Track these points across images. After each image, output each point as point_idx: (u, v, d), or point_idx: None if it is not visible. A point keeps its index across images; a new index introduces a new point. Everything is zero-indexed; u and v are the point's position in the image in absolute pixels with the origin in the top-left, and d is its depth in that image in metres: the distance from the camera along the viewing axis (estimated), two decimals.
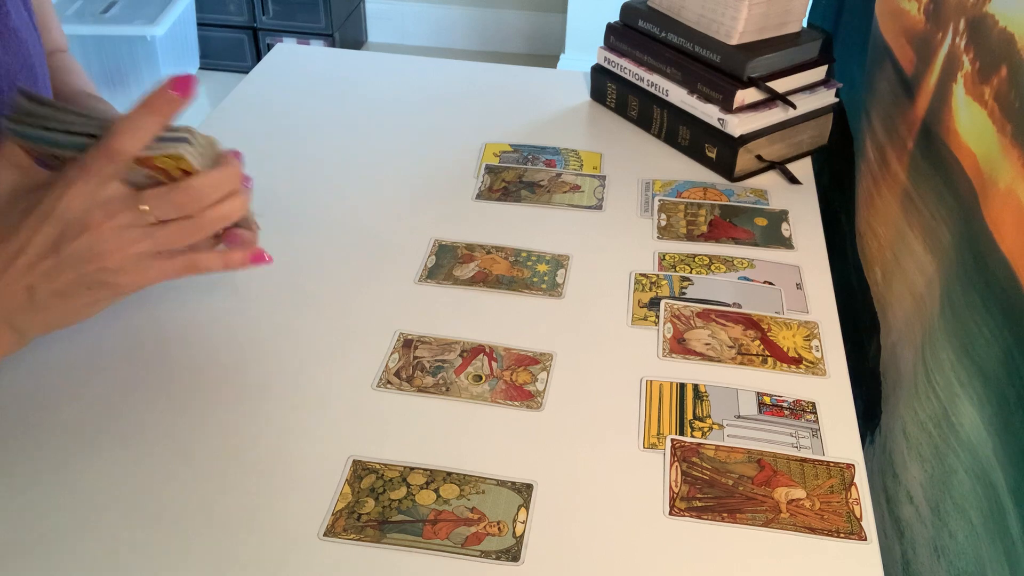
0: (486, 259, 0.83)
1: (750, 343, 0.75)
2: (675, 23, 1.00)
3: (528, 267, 0.83)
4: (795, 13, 0.97)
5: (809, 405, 0.69)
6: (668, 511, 0.61)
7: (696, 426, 0.67)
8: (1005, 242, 0.56)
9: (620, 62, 1.06)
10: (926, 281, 0.72)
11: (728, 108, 0.95)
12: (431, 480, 0.62)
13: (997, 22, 0.63)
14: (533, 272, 0.82)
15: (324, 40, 2.87)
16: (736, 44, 0.95)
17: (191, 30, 2.78)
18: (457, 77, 1.18)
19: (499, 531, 0.59)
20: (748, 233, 0.89)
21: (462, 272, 0.82)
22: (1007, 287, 0.55)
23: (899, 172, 0.82)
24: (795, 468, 0.64)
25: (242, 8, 2.83)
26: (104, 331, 0.74)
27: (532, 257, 0.84)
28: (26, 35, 0.68)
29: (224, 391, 0.69)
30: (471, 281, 0.81)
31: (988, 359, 0.57)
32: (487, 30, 3.10)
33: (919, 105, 0.79)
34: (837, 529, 0.60)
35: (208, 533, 0.58)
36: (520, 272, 0.82)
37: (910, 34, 0.84)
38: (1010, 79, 0.59)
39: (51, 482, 0.61)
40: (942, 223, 0.70)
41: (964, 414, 0.59)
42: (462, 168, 0.98)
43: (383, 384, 0.70)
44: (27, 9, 0.70)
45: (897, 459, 0.70)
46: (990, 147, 0.62)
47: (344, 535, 0.58)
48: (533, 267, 0.83)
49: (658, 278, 0.82)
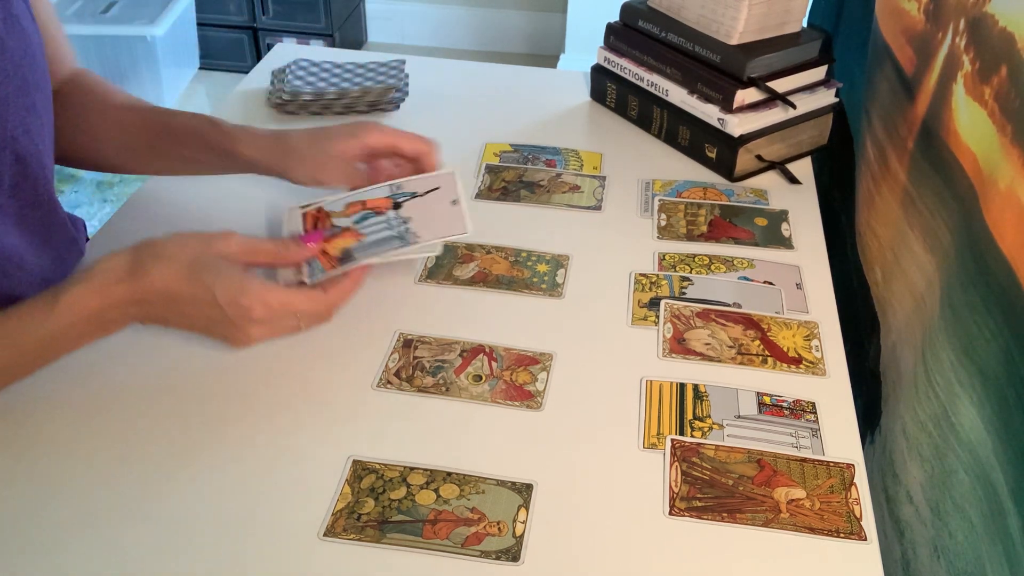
0: (486, 259, 0.83)
1: (750, 343, 0.75)
2: (675, 23, 1.00)
3: (528, 267, 0.83)
4: (795, 13, 0.97)
5: (809, 405, 0.69)
6: (668, 511, 0.61)
7: (696, 426, 0.67)
8: (1005, 242, 0.56)
9: (620, 62, 1.06)
10: (926, 281, 0.72)
11: (728, 108, 0.95)
12: (431, 480, 0.62)
13: (997, 22, 0.63)
14: (533, 272, 0.82)
15: (324, 40, 2.87)
16: (736, 44, 0.95)
17: (191, 30, 2.78)
18: (457, 77, 1.18)
19: (499, 531, 0.59)
20: (748, 233, 0.89)
21: (462, 272, 0.82)
22: (1007, 287, 0.55)
23: (899, 172, 0.82)
24: (795, 468, 0.64)
25: (242, 8, 2.83)
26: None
27: (532, 257, 0.84)
28: (27, 24, 0.69)
29: (224, 391, 0.69)
30: (471, 281, 0.81)
31: (988, 359, 0.57)
32: (487, 30, 3.10)
33: (919, 105, 0.79)
34: (837, 529, 0.60)
35: (208, 533, 0.58)
36: (520, 272, 0.82)
37: (910, 34, 0.84)
38: (1010, 79, 0.59)
39: (51, 482, 0.61)
40: (942, 223, 0.70)
41: (964, 414, 0.59)
42: (462, 168, 0.98)
43: (383, 384, 0.70)
44: (25, 1, 0.70)
45: (897, 459, 0.70)
46: (990, 147, 0.62)
47: (344, 535, 0.58)
48: (533, 267, 0.83)
49: (658, 278, 0.82)
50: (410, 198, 0.77)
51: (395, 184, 0.78)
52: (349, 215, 0.76)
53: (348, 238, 0.74)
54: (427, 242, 0.73)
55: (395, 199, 0.77)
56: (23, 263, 0.71)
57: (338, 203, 0.78)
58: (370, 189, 0.78)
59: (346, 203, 0.78)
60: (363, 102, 1.07)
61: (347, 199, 0.78)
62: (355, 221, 0.75)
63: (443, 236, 0.75)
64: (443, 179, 0.78)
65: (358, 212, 0.76)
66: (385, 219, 0.75)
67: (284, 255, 0.70)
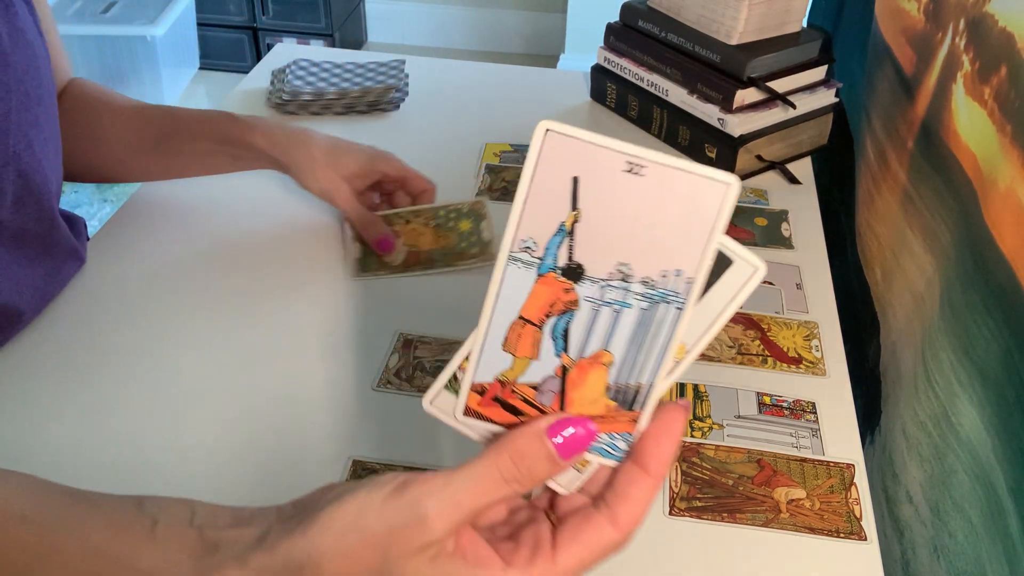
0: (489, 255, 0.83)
1: (750, 343, 0.75)
2: (675, 23, 1.00)
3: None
4: (795, 13, 0.97)
5: (809, 405, 0.69)
6: (668, 511, 0.61)
7: (696, 426, 0.67)
8: (1005, 242, 0.56)
9: (620, 62, 1.06)
10: (926, 281, 0.72)
11: (728, 108, 0.95)
12: None
13: (997, 22, 0.63)
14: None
15: (324, 40, 2.87)
16: (736, 44, 0.95)
17: (191, 30, 2.78)
18: (457, 77, 1.18)
19: None
20: (748, 233, 0.89)
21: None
22: (1007, 287, 0.55)
23: (899, 172, 0.82)
24: (795, 468, 0.64)
25: (242, 8, 2.83)
26: (103, 334, 0.74)
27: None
28: (32, 37, 0.68)
29: (225, 391, 0.69)
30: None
31: (988, 359, 0.57)
32: (487, 30, 3.10)
33: (919, 105, 0.79)
34: (837, 529, 0.60)
35: None
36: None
37: (910, 34, 0.84)
38: (1010, 79, 0.59)
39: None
40: (942, 223, 0.70)
41: (964, 414, 0.59)
42: (462, 167, 0.98)
43: (383, 384, 0.70)
44: (32, 14, 0.70)
45: (897, 459, 0.70)
46: (990, 147, 0.61)
47: None
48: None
49: None
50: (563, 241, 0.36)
51: (519, 244, 0.36)
52: (524, 352, 0.38)
53: (590, 374, 0.37)
54: (707, 270, 0.35)
55: (566, 270, 0.36)
56: (16, 276, 0.70)
57: (495, 353, 0.38)
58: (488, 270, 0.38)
59: (493, 340, 0.38)
60: (363, 102, 1.07)
61: (487, 335, 0.38)
62: (557, 350, 0.37)
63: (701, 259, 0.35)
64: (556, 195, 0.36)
65: (532, 338, 0.37)
66: (591, 304, 0.36)
67: (532, 482, 0.37)
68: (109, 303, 0.77)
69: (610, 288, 0.36)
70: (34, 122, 0.68)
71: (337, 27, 2.87)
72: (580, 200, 0.35)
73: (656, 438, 0.37)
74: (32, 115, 0.68)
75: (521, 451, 0.36)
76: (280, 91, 1.06)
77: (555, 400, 0.38)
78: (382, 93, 1.07)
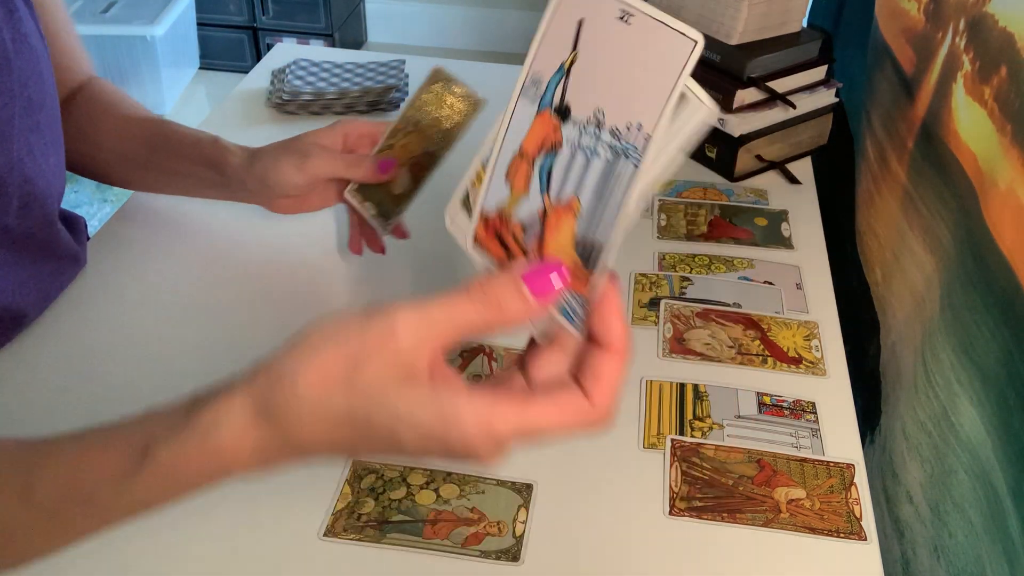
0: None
1: (750, 343, 0.75)
2: None
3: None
4: (795, 13, 0.97)
5: (809, 405, 0.69)
6: (668, 511, 0.61)
7: (696, 426, 0.67)
8: (1005, 242, 0.56)
9: None
10: (926, 281, 0.72)
11: (728, 108, 0.95)
12: (431, 480, 0.62)
13: (997, 22, 0.63)
14: None
15: (324, 40, 2.87)
16: (736, 44, 0.95)
17: (191, 30, 2.78)
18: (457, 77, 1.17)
19: (499, 531, 0.59)
20: (748, 233, 0.89)
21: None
22: (1007, 287, 0.55)
23: (899, 172, 0.82)
24: (795, 468, 0.64)
25: (242, 8, 2.83)
26: (104, 335, 0.74)
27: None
28: (35, 42, 0.68)
29: None
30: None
31: (988, 359, 0.57)
32: (487, 30, 3.10)
33: (919, 105, 0.79)
34: (837, 529, 0.60)
35: (208, 533, 0.58)
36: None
37: (910, 34, 0.84)
38: (1010, 79, 0.59)
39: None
40: (942, 223, 0.70)
41: (964, 414, 0.59)
42: (462, 167, 0.97)
43: None
44: (34, 19, 0.70)
45: (897, 459, 0.70)
46: (990, 147, 0.61)
47: (344, 535, 0.58)
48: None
49: (658, 278, 0.82)
50: (560, 89, 0.39)
51: (528, 81, 0.42)
52: (518, 187, 0.42)
53: (563, 221, 0.40)
54: (664, 131, 0.35)
55: (558, 109, 0.39)
56: (20, 278, 0.70)
57: (499, 181, 0.43)
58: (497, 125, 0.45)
59: (499, 168, 0.44)
60: (363, 102, 1.07)
61: (496, 163, 0.44)
62: (541, 189, 0.40)
63: (664, 100, 0.35)
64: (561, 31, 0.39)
65: (525, 173, 0.42)
66: (570, 147, 0.39)
67: (502, 316, 0.39)
68: (109, 303, 0.77)
69: (585, 134, 0.38)
70: (35, 127, 0.68)
71: (337, 27, 2.87)
72: (580, 43, 0.37)
73: (600, 315, 0.39)
74: (34, 120, 0.68)
75: (494, 282, 0.39)
76: (280, 91, 1.06)
77: (535, 242, 0.41)
78: (382, 93, 1.07)
